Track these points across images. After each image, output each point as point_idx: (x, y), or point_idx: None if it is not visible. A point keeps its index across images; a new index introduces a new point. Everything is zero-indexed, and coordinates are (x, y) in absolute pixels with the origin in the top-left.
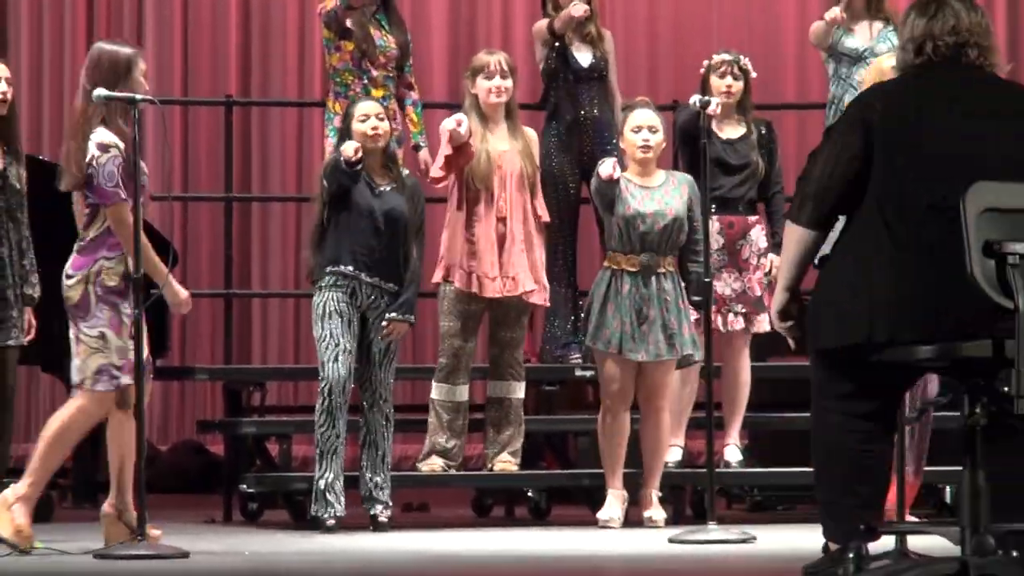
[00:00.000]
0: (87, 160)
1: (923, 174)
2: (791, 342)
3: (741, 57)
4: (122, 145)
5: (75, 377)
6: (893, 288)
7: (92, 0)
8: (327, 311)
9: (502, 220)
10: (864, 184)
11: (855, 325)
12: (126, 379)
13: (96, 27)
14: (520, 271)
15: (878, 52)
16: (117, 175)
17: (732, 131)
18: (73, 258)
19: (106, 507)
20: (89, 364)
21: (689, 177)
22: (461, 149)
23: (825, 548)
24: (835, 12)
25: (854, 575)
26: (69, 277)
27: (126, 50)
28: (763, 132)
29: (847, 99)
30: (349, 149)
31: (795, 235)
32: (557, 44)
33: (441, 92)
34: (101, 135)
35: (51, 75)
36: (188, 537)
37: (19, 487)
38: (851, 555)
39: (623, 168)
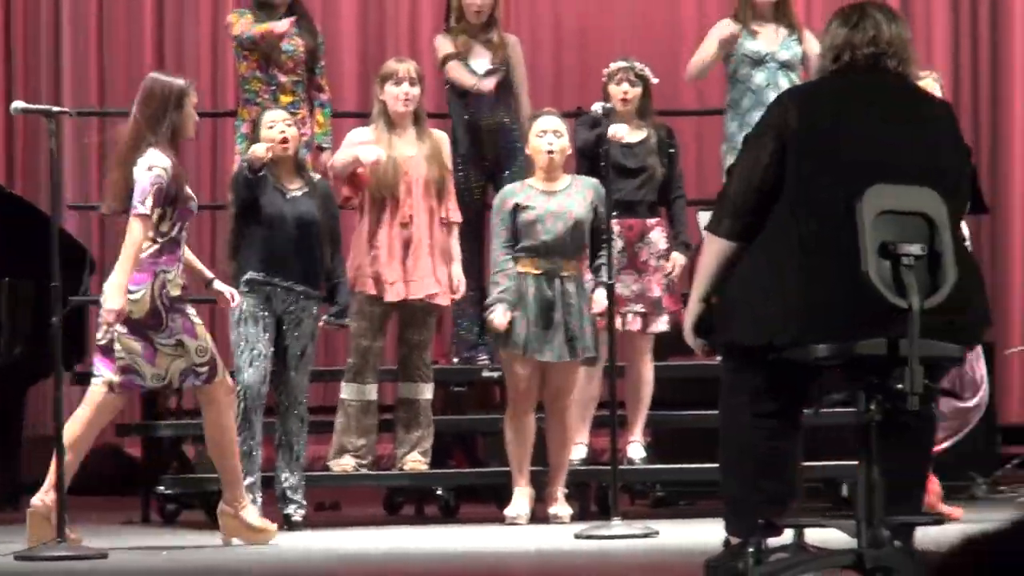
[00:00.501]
0: (134, 178)
1: (839, 179)
2: (699, 352)
3: (637, 64)
4: (170, 167)
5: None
6: (803, 293)
7: (8, 12)
8: (242, 317)
9: (406, 225)
10: (774, 192)
11: (768, 327)
12: (207, 375)
13: (13, 43)
14: (425, 275)
15: (780, 58)
16: (149, 192)
17: (631, 135)
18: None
19: (35, 502)
20: (172, 369)
21: (595, 181)
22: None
23: (726, 542)
24: (728, 30)
25: (754, 568)
26: (130, 292)
27: (178, 82)
28: (663, 137)
29: (744, 103)
30: (260, 149)
31: (715, 246)
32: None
33: (352, 99)
34: (151, 157)
35: None
36: (107, 538)
37: (228, 497)
38: (751, 549)
39: (530, 175)
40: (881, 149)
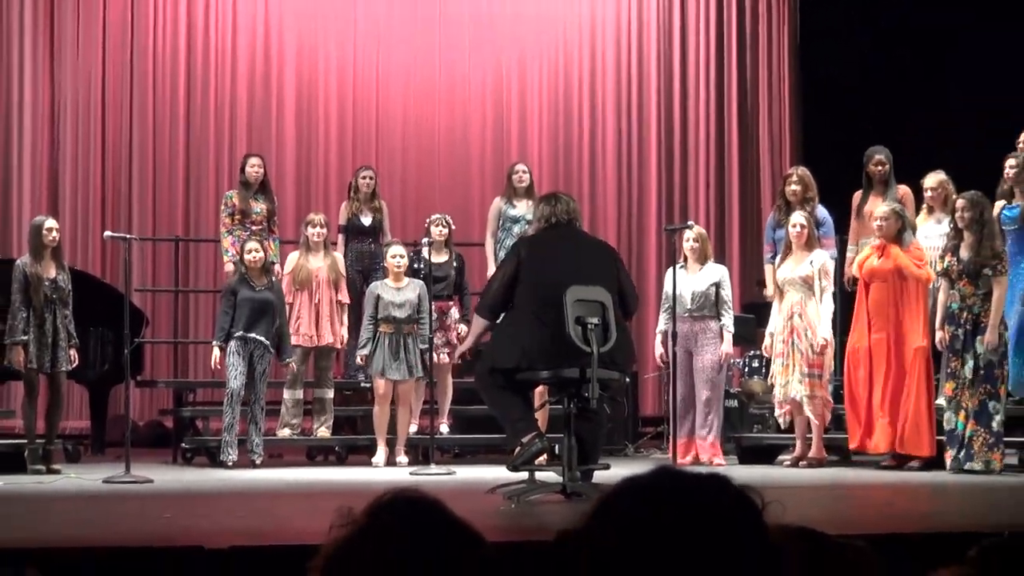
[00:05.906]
0: None
1: (549, 282)
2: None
3: (446, 216)
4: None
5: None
6: (533, 341)
7: (104, 170)
8: (232, 352)
9: (317, 304)
10: (515, 289)
11: (512, 357)
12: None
13: (106, 189)
14: (326, 332)
15: (528, 218)
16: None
17: (441, 258)
18: None
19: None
20: None
21: (419, 281)
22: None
23: (513, 467)
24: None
25: (537, 452)
26: None
27: None
28: (457, 258)
29: (508, 242)
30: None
31: (479, 322)
32: (351, 217)
33: (292, 232)
34: None
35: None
36: (154, 471)
37: None
38: (535, 438)
39: (385, 276)
40: (570, 267)
